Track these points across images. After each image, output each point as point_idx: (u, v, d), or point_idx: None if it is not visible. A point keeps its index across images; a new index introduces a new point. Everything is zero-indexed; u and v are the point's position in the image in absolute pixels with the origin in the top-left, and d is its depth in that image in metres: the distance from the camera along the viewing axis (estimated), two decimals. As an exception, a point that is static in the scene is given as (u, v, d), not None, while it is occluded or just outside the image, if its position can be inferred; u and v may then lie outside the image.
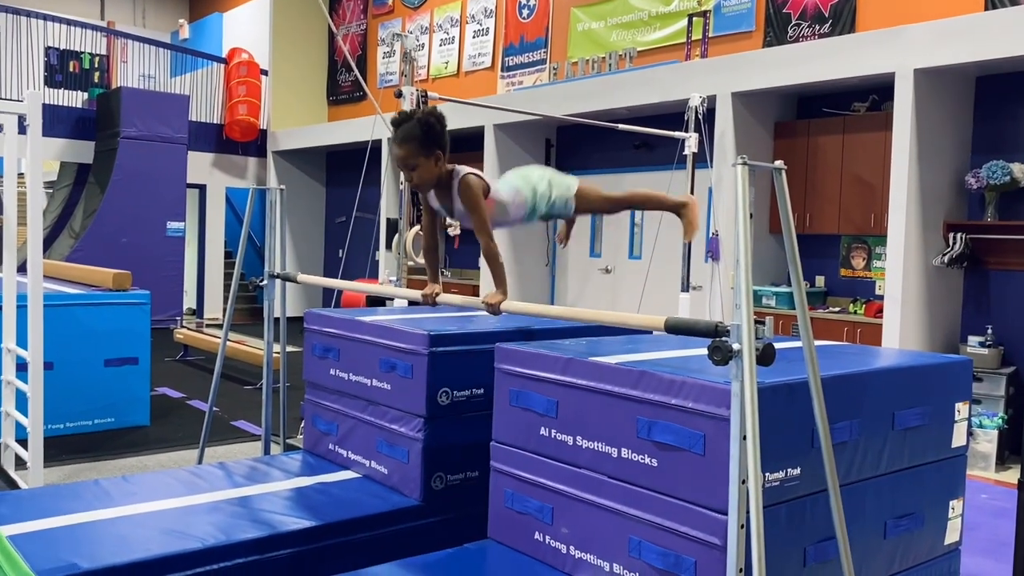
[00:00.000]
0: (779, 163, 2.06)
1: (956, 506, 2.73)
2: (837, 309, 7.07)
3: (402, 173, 2.96)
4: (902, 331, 6.06)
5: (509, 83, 10.44)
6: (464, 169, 2.92)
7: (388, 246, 9.64)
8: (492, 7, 10.75)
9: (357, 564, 2.59)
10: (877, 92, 6.91)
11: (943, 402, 2.64)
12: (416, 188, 2.96)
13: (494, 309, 2.89)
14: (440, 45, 11.53)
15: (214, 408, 4.17)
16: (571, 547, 2.43)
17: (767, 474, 2.07)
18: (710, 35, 8.05)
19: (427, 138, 2.80)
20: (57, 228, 11.77)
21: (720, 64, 7.33)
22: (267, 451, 4.05)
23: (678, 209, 3.16)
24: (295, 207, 13.09)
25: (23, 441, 4.28)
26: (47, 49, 12.26)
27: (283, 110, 13.33)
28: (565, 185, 3.05)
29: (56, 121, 11.45)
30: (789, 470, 2.14)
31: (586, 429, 2.39)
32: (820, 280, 7.39)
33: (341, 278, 6.99)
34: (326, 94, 13.75)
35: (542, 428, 2.52)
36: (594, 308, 2.85)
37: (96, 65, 12.75)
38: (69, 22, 12.45)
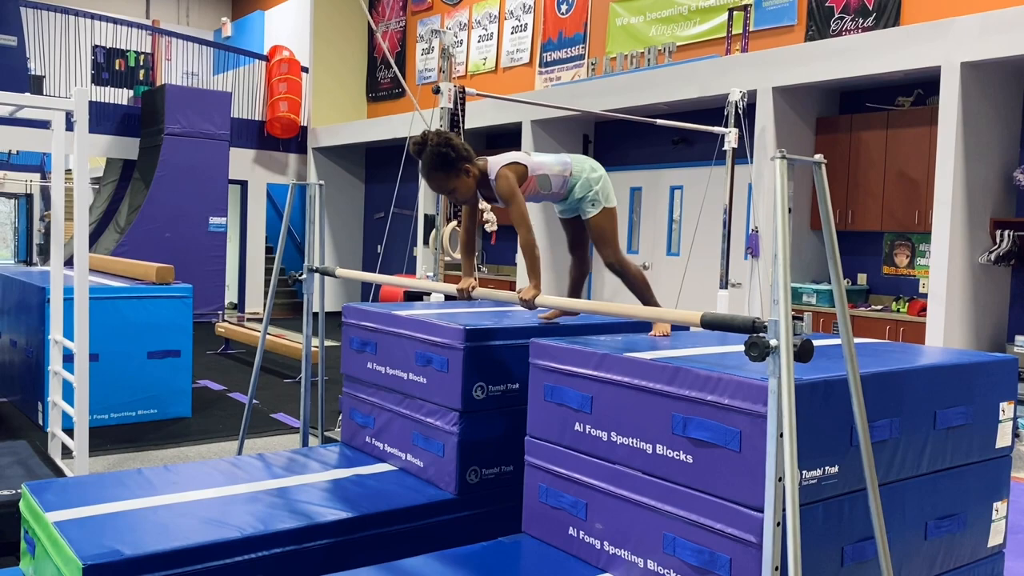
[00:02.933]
0: (818, 157, 2.03)
1: (1000, 508, 2.68)
2: (879, 307, 6.95)
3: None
4: (946, 330, 5.95)
5: (547, 79, 10.42)
6: (500, 162, 2.95)
7: (425, 242, 9.69)
8: (531, 3, 10.74)
9: (392, 556, 2.61)
10: (922, 86, 6.78)
11: (987, 401, 2.58)
12: (460, 203, 3.02)
13: (528, 304, 2.90)
14: (478, 41, 11.55)
15: (254, 400, 4.23)
16: (605, 543, 2.43)
17: (804, 472, 2.04)
18: (751, 29, 7.96)
19: (447, 163, 2.86)
20: (103, 223, 12.02)
21: (761, 58, 7.25)
22: (305, 443, 4.09)
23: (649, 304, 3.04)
24: (334, 203, 13.22)
25: (69, 430, 4.39)
26: (94, 48, 12.51)
27: (323, 107, 13.46)
28: (608, 191, 3.07)
29: (102, 118, 11.69)
30: (827, 468, 2.11)
31: (621, 425, 2.38)
32: (862, 278, 7.28)
33: (379, 273, 7.04)
34: (365, 91, 13.86)
35: (577, 423, 2.52)
36: (630, 304, 2.84)
37: (141, 63, 12.98)
38: (115, 21, 12.69)
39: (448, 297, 4.66)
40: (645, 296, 3.10)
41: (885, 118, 6.94)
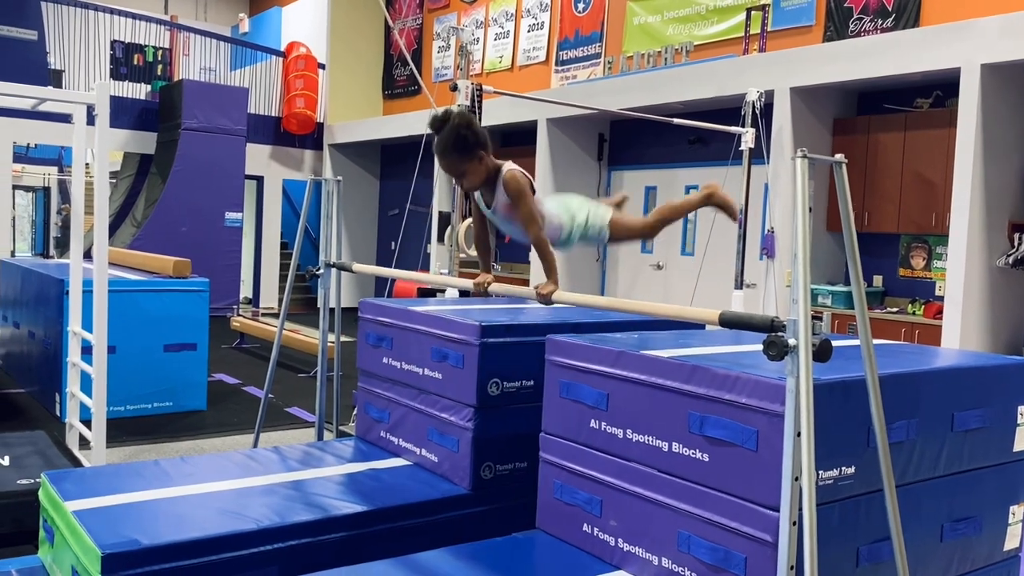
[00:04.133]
0: (839, 156, 2.03)
1: (1017, 512, 2.66)
2: (895, 310, 6.92)
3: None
4: (963, 333, 5.91)
5: (563, 77, 10.41)
6: (510, 165, 2.93)
7: (440, 239, 9.71)
8: (547, 1, 10.74)
9: (406, 550, 2.62)
10: (941, 88, 6.74)
11: (1005, 404, 2.57)
12: (467, 190, 2.96)
13: (546, 299, 2.90)
14: (495, 39, 11.55)
15: (269, 395, 4.25)
16: (619, 540, 2.43)
17: (821, 472, 2.04)
18: (769, 29, 7.93)
19: (465, 145, 2.79)
20: (120, 217, 12.10)
21: (778, 59, 7.22)
22: (320, 437, 4.12)
23: (708, 201, 3.16)
24: (349, 199, 13.25)
25: (86, 422, 4.42)
26: (113, 43, 12.60)
27: (339, 103, 13.49)
28: (600, 215, 3.02)
29: (120, 112, 11.76)
30: (843, 468, 2.11)
31: (637, 422, 2.39)
32: (878, 280, 7.25)
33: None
34: (382, 88, 13.88)
35: (592, 420, 2.52)
36: (647, 302, 2.84)
37: (159, 58, 13.06)
38: (134, 16, 12.77)
39: (463, 293, 4.67)
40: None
41: (903, 120, 6.90)
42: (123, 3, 13.31)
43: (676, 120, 6.97)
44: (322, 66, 13.47)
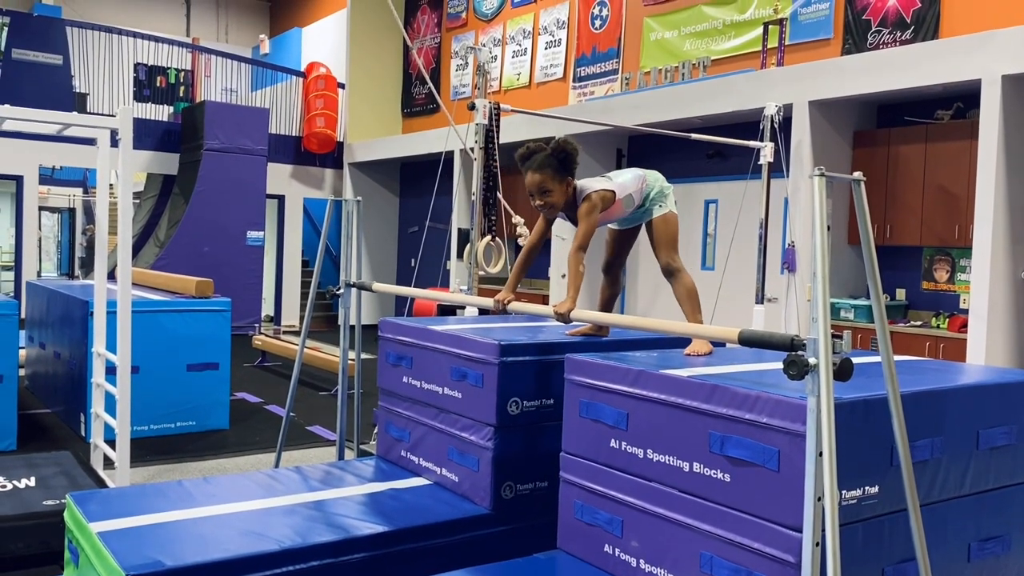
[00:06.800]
0: (858, 174, 2.02)
1: (1046, 530, 2.62)
2: (919, 323, 6.85)
3: (533, 198, 3.04)
4: (988, 347, 5.84)
5: (581, 94, 10.44)
6: (592, 186, 3.03)
7: (460, 256, 9.75)
8: (564, 18, 10.79)
9: (427, 570, 2.62)
10: (962, 100, 6.69)
11: (1032, 421, 2.53)
12: (546, 213, 3.05)
13: (563, 317, 2.91)
14: (512, 57, 11.61)
15: (291, 413, 4.27)
16: (641, 560, 2.42)
17: (844, 492, 2.02)
18: (786, 43, 7.92)
19: (562, 166, 2.99)
20: (143, 237, 12.23)
21: (797, 72, 7.21)
22: (341, 456, 4.13)
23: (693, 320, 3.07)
24: (369, 217, 13.33)
25: (111, 442, 4.46)
26: (136, 65, 12.79)
27: (359, 122, 13.60)
28: (672, 199, 3.21)
29: (143, 134, 11.92)
30: (867, 488, 2.09)
31: (657, 442, 2.38)
32: (901, 293, 7.18)
33: (413, 287, 7.08)
34: (401, 107, 13.98)
35: (612, 440, 2.51)
36: (665, 319, 2.84)
37: (181, 80, 13.24)
38: (157, 39, 12.96)
39: (482, 311, 4.68)
40: (689, 308, 3.09)
41: (924, 132, 6.86)
42: (146, 27, 13.54)
43: (694, 135, 6.97)
44: (342, 86, 13.60)
